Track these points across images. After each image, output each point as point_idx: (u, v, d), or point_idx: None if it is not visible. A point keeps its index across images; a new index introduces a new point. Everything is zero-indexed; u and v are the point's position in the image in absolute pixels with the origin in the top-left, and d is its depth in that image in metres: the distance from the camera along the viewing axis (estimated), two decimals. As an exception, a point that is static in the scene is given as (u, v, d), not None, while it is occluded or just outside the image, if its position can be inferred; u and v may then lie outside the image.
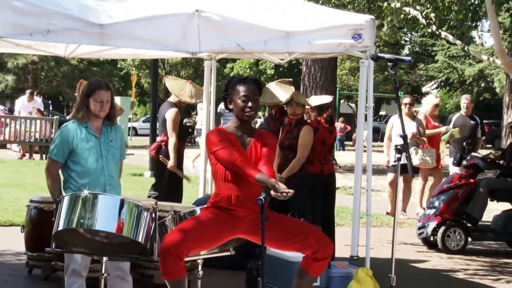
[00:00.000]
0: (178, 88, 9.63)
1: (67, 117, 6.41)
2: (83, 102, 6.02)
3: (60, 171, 6.07)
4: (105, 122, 6.11)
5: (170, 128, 9.53)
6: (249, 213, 5.56)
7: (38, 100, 25.53)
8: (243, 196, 5.54)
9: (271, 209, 5.73)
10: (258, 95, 5.68)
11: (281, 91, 9.03)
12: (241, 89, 5.62)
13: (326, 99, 9.13)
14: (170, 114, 9.54)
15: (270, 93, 9.11)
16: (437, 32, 16.84)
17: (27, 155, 23.28)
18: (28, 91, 26.16)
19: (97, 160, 5.98)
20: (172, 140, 9.52)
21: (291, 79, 9.57)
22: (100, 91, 5.97)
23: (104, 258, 5.37)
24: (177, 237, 5.36)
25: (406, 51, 24.21)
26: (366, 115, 7.79)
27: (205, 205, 5.75)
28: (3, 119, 24.43)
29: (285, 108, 9.06)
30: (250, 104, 5.58)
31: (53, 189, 5.94)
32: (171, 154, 9.57)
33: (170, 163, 9.59)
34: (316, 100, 9.20)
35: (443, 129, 13.34)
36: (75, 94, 7.71)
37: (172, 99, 9.70)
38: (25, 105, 24.84)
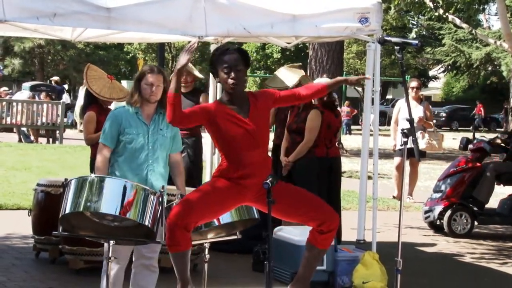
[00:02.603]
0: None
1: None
2: (136, 87, 5.87)
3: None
4: (158, 110, 5.91)
5: None
6: (255, 181, 5.44)
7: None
8: (249, 163, 5.43)
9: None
10: (243, 65, 5.49)
11: (290, 75, 9.00)
12: (223, 59, 5.46)
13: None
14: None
15: (279, 78, 9.09)
16: (444, 16, 16.79)
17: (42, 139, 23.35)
18: (29, 94, 26.10)
19: (142, 148, 5.83)
20: None
21: (300, 64, 9.54)
22: (150, 74, 5.82)
23: (111, 242, 5.37)
24: (184, 208, 5.32)
25: (413, 34, 24.24)
26: (372, 98, 7.78)
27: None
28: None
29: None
30: (232, 75, 5.41)
31: (98, 172, 5.76)
32: None
33: None
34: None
35: None
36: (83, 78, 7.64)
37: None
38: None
